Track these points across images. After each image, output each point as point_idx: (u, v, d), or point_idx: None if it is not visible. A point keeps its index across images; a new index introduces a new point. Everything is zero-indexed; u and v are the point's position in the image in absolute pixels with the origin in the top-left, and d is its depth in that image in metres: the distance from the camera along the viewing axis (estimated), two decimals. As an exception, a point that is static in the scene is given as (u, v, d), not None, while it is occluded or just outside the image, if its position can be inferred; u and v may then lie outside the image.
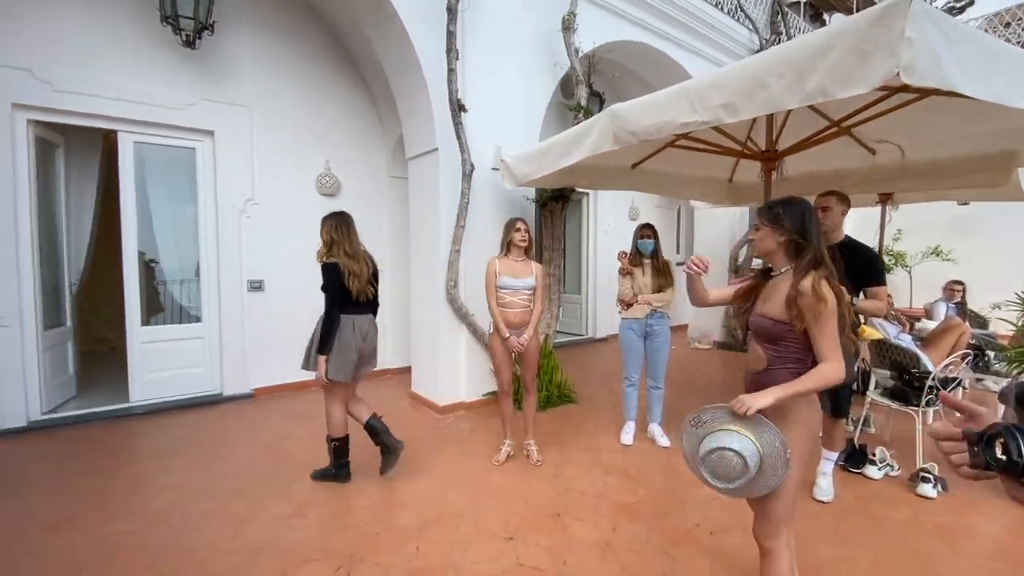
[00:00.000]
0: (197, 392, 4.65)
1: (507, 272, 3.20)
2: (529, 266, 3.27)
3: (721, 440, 1.55)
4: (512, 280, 3.19)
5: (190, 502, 2.85)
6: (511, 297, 3.20)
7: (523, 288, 3.21)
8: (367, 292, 2.99)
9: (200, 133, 4.54)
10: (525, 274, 3.23)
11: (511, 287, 3.19)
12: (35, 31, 3.79)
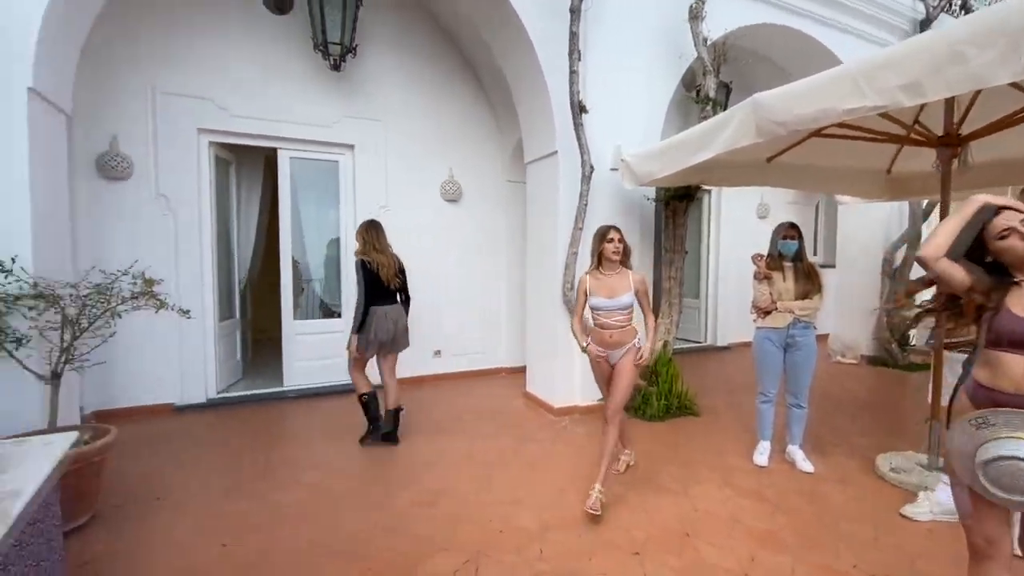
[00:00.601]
0: (336, 381, 5.14)
1: (600, 290, 2.83)
2: (625, 278, 2.84)
3: (1011, 449, 1.39)
4: (605, 301, 2.80)
5: (335, 481, 3.14)
6: (605, 318, 2.84)
7: (618, 308, 2.81)
8: (394, 282, 3.66)
9: (343, 147, 5.03)
10: (621, 290, 2.81)
11: (604, 308, 2.82)
12: (216, 67, 4.46)
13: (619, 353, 2.85)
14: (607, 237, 2.83)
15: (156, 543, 2.45)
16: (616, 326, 2.83)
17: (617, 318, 2.82)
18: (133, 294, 2.83)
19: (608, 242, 2.81)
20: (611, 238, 2.82)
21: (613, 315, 2.81)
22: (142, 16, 4.14)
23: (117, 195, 4.18)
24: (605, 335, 2.85)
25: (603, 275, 2.85)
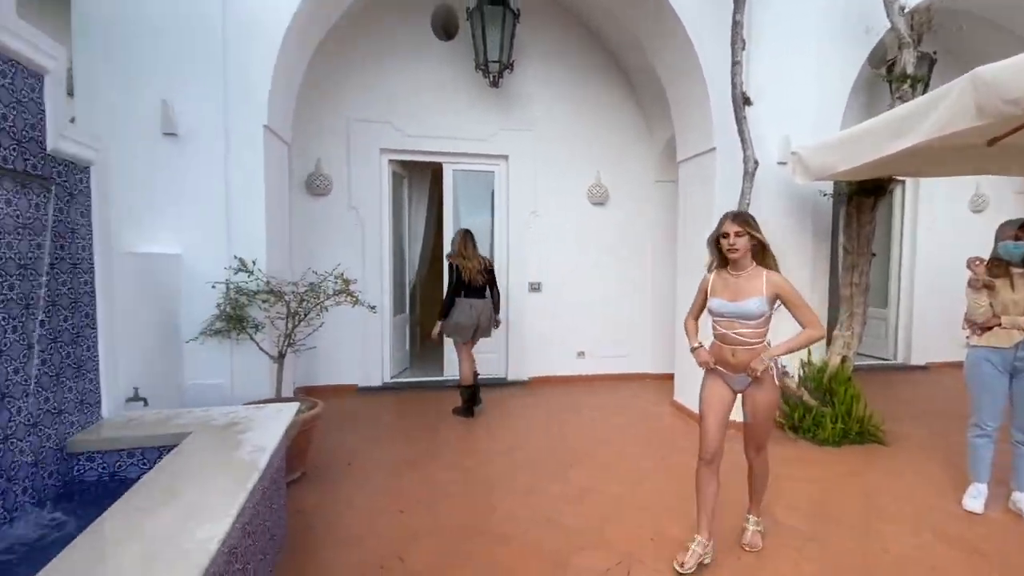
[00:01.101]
0: (487, 374, 5.51)
1: (722, 291, 2.25)
2: (757, 280, 2.18)
3: None
4: (726, 305, 2.21)
5: (490, 466, 3.40)
6: (726, 328, 2.24)
7: (741, 316, 2.18)
8: (477, 280, 4.28)
9: (498, 158, 5.38)
10: (748, 293, 2.17)
11: (724, 313, 2.23)
12: (394, 94, 5.10)
13: (746, 379, 2.24)
14: (721, 229, 2.23)
15: (349, 502, 2.91)
16: (741, 341, 2.21)
17: (741, 331, 2.20)
18: (335, 291, 3.39)
19: (723, 236, 2.22)
20: (725, 231, 2.20)
21: (735, 326, 2.21)
22: (339, 60, 4.92)
23: (320, 208, 5.03)
24: (726, 352, 2.25)
25: (730, 275, 2.26)
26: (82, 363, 2.17)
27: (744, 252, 2.19)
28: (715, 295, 2.27)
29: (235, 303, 3.22)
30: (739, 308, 2.18)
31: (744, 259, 2.21)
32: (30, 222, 1.88)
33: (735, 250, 2.18)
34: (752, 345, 2.20)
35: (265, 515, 2.11)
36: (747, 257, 2.21)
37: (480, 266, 4.31)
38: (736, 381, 2.28)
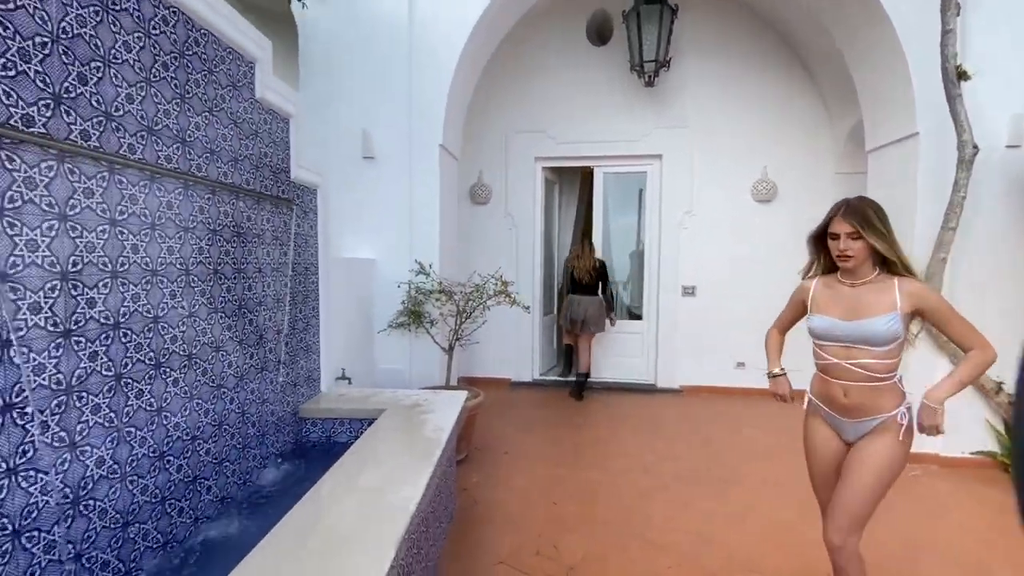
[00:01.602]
0: (634, 379, 5.44)
1: (830, 305, 1.71)
2: (887, 292, 1.60)
3: None
4: (836, 324, 1.66)
5: (640, 473, 3.37)
6: (834, 355, 1.67)
7: (863, 340, 1.61)
8: (585, 278, 4.80)
9: (651, 158, 5.27)
10: (875, 309, 1.59)
11: (832, 337, 1.67)
12: (549, 103, 5.31)
13: (862, 427, 1.66)
14: (829, 225, 1.68)
15: (507, 486, 3.15)
16: (859, 375, 1.62)
17: (864, 360, 1.61)
18: (495, 292, 3.68)
19: (832, 238, 1.66)
20: (835, 230, 1.64)
21: (853, 354, 1.63)
22: (498, 77, 5.28)
23: (480, 216, 5.47)
24: (835, 389, 1.69)
25: (843, 283, 1.69)
26: (309, 347, 2.72)
27: (863, 259, 1.62)
28: (820, 311, 1.71)
29: (414, 301, 3.69)
30: (861, 330, 1.60)
31: (864, 267, 1.64)
32: (281, 235, 2.41)
33: (847, 257, 1.62)
34: (878, 381, 1.61)
35: (443, 487, 2.41)
36: (867, 264, 1.64)
37: (589, 265, 4.80)
38: (848, 430, 1.70)
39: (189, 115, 1.78)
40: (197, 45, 1.82)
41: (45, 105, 1.27)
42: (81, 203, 1.37)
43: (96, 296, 1.42)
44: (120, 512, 1.50)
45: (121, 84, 1.49)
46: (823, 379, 1.75)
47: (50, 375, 1.28)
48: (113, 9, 1.46)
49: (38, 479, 1.25)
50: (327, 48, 3.85)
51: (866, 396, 1.64)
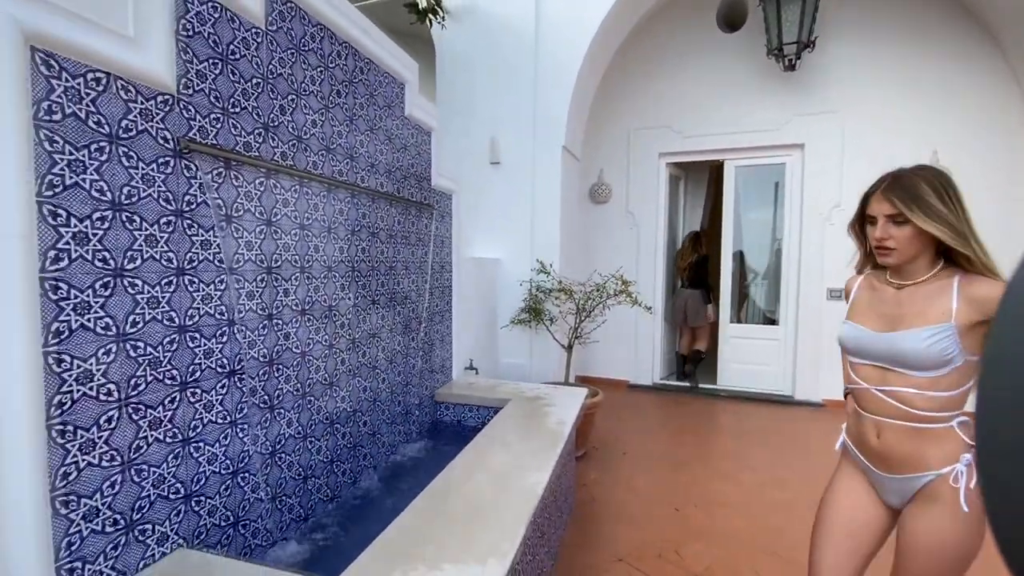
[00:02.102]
0: (768, 389, 5.02)
1: (863, 309, 1.30)
2: (942, 294, 1.14)
3: None
4: (860, 334, 1.27)
5: (772, 488, 3.13)
6: (862, 378, 1.26)
7: (896, 361, 1.18)
8: (683, 275, 5.32)
9: (790, 148, 4.83)
10: (919, 318, 1.16)
11: (862, 351, 1.26)
12: (673, 96, 5.12)
13: (905, 486, 1.21)
14: (867, 211, 1.24)
15: (626, 486, 3.14)
16: (891, 411, 1.20)
17: (900, 389, 1.18)
18: (616, 291, 3.68)
19: (869, 222, 1.24)
20: (872, 215, 1.22)
21: (889, 378, 1.20)
22: (620, 74, 5.23)
23: (600, 215, 5.47)
24: (867, 426, 1.26)
25: (890, 284, 1.25)
26: (443, 337, 2.98)
27: (912, 252, 1.17)
28: (854, 316, 1.30)
29: (535, 299, 3.84)
30: (893, 345, 1.16)
31: (918, 262, 1.19)
32: (423, 236, 2.69)
33: (887, 250, 1.18)
34: (923, 422, 1.15)
35: (563, 479, 2.49)
36: (924, 259, 1.18)
37: (687, 261, 5.30)
38: (888, 486, 1.24)
39: (356, 134, 2.08)
40: (362, 73, 2.12)
41: (258, 133, 1.59)
42: (280, 211, 1.68)
43: (290, 287, 1.73)
44: (302, 467, 1.81)
45: (308, 112, 1.80)
46: (856, 412, 1.30)
47: (258, 350, 1.60)
48: (304, 50, 1.77)
49: (249, 432, 1.57)
50: (460, 62, 4.15)
51: (906, 441, 1.17)
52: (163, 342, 1.28)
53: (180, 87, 1.31)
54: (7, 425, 0.96)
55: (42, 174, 1.02)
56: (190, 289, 1.36)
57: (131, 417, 1.20)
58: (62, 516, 1.06)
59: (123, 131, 1.18)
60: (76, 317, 1.08)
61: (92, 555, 1.12)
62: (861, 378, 1.26)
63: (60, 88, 1.05)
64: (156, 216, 1.26)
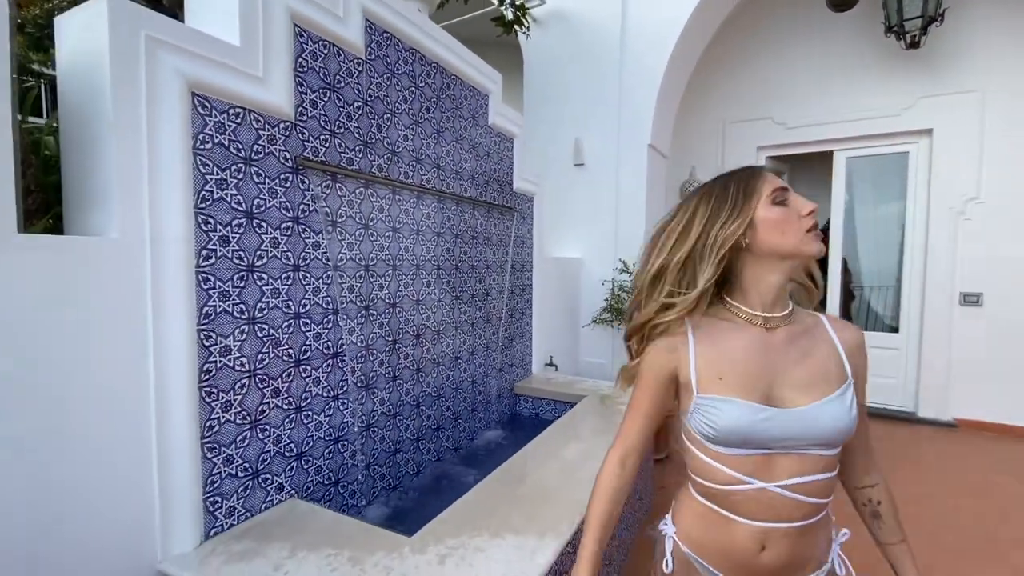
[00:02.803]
0: (886, 404, 4.52)
1: (731, 373, 0.84)
2: (822, 340, 0.87)
3: None
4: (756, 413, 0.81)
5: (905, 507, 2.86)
6: (747, 474, 0.83)
7: (815, 441, 0.81)
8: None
9: (915, 134, 4.31)
10: (820, 373, 0.84)
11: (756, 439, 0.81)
12: (773, 86, 4.80)
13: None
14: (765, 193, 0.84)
15: (708, 493, 3.05)
16: (795, 512, 0.83)
17: (813, 479, 0.83)
18: (702, 292, 3.56)
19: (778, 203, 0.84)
20: (778, 188, 0.84)
21: (790, 468, 0.83)
22: (713, 67, 5.00)
23: (691, 213, 5.28)
24: (744, 540, 0.86)
25: (749, 323, 0.88)
26: (523, 333, 3.12)
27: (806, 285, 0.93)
28: (714, 387, 0.85)
29: (617, 298, 3.84)
30: (815, 423, 0.82)
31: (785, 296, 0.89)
32: (504, 237, 2.85)
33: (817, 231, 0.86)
34: (819, 514, 0.86)
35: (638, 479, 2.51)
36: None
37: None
38: None
39: (442, 145, 2.29)
40: (449, 89, 2.33)
41: (358, 149, 1.83)
42: (376, 217, 1.93)
43: (383, 283, 1.97)
44: (392, 441, 2.05)
45: (400, 128, 2.03)
46: (721, 519, 0.89)
47: (356, 336, 1.85)
48: (397, 73, 2.00)
49: (348, 406, 1.82)
50: (547, 67, 4.28)
51: (799, 543, 0.86)
52: (282, 326, 1.56)
53: (297, 114, 1.58)
54: (173, 384, 1.26)
55: (197, 190, 1.31)
56: (303, 283, 1.63)
57: (258, 385, 1.48)
58: (208, 459, 1.35)
59: (255, 154, 1.46)
60: (220, 303, 1.37)
61: (228, 493, 1.40)
62: (737, 471, 0.84)
63: (211, 123, 1.34)
64: (278, 222, 1.53)
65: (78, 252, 1.10)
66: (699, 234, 0.84)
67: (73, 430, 1.10)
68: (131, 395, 1.20)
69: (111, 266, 1.15)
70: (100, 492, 1.14)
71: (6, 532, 1.00)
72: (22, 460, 1.02)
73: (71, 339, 1.09)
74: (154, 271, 1.22)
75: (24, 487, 1.03)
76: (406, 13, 2.01)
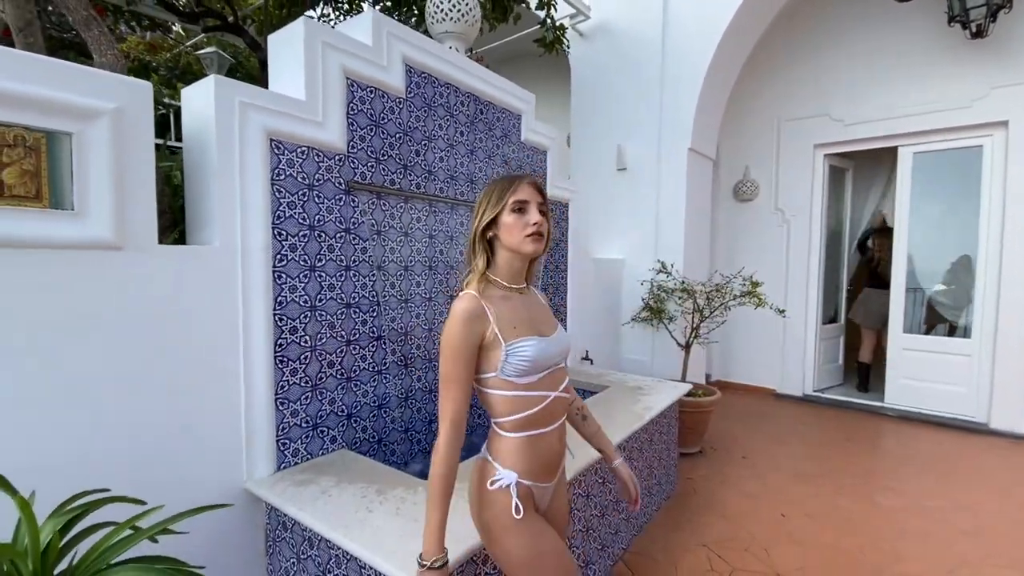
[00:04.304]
0: (953, 413, 4.26)
1: (516, 321, 1.16)
2: (541, 302, 1.32)
3: None
4: (548, 344, 1.18)
5: (913, 514, 2.83)
6: (546, 389, 1.18)
7: (562, 355, 1.24)
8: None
9: (989, 127, 4.03)
10: (547, 317, 1.27)
11: (548, 362, 1.18)
12: (830, 81, 4.67)
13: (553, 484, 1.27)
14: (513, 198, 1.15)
15: (734, 487, 3.15)
16: (566, 407, 1.28)
17: (565, 381, 1.26)
18: (741, 292, 3.64)
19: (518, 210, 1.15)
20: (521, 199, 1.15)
21: (558, 377, 1.23)
22: (766, 66, 4.95)
23: (745, 213, 5.25)
24: (553, 441, 1.22)
25: (513, 291, 1.22)
26: (557, 328, 3.41)
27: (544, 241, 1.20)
28: (514, 333, 1.14)
29: (656, 298, 4.00)
30: (562, 343, 1.24)
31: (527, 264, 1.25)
32: (536, 241, 3.16)
33: (540, 236, 1.16)
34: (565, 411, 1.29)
35: (654, 455, 2.72)
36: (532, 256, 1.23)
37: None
38: (546, 495, 1.26)
39: (475, 163, 2.66)
40: (482, 114, 2.69)
41: (399, 172, 2.24)
42: (415, 226, 2.33)
43: (420, 280, 2.38)
44: (428, 412, 2.44)
45: (436, 151, 2.42)
46: (533, 439, 1.18)
47: (397, 324, 2.26)
48: (434, 106, 2.39)
49: (390, 380, 2.24)
50: (592, 77, 4.52)
51: (563, 431, 1.28)
52: (336, 313, 1.99)
53: (348, 148, 2.02)
54: (255, 353, 1.72)
55: (273, 210, 1.77)
56: (353, 280, 2.06)
57: (317, 358, 1.93)
58: (279, 411, 1.81)
59: (316, 182, 1.90)
60: (289, 294, 1.82)
61: (294, 438, 1.86)
62: (540, 391, 1.17)
63: (284, 160, 1.79)
64: (334, 232, 1.97)
65: (192, 257, 1.59)
66: (479, 220, 1.18)
67: (193, 379, 1.59)
68: (229, 358, 1.67)
69: (213, 267, 1.63)
70: (208, 424, 1.63)
71: (162, 429, 1.51)
72: (167, 393, 1.52)
73: (190, 318, 1.58)
74: (243, 270, 1.69)
75: (166, 409, 1.52)
76: (441, 54, 2.39)
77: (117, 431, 1.44)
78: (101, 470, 1.39)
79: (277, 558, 1.73)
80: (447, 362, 1.11)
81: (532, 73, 5.94)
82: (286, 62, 1.91)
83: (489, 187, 1.20)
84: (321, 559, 1.54)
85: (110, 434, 1.43)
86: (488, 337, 1.12)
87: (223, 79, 1.64)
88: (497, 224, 1.16)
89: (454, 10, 2.54)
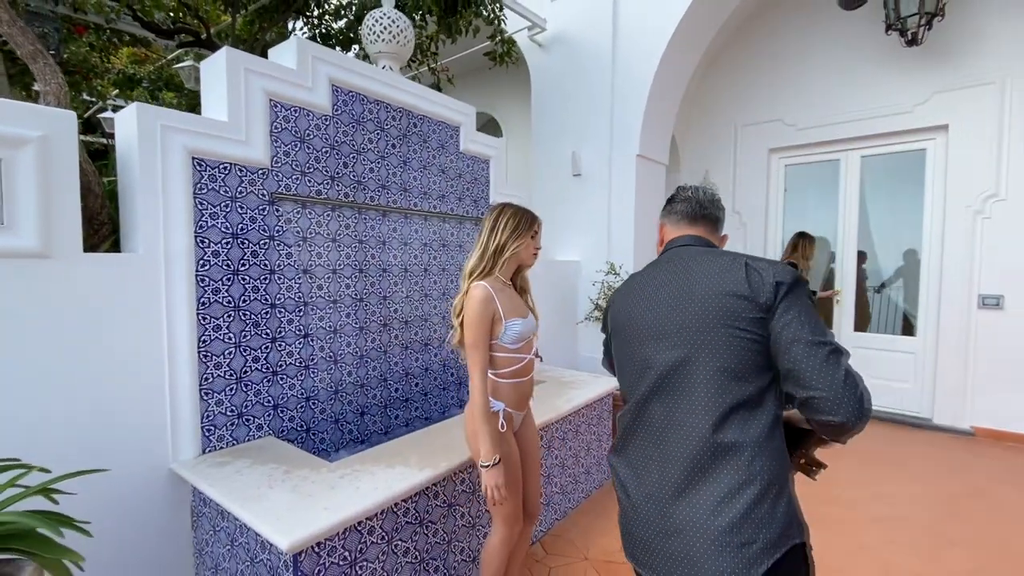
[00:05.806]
0: (901, 409, 4.38)
1: (513, 308, 1.77)
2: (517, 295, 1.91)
3: None
4: (529, 322, 1.81)
5: (827, 503, 2.97)
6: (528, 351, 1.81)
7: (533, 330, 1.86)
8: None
9: (931, 131, 4.16)
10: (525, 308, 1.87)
11: (530, 332, 1.81)
12: (782, 88, 4.81)
13: (524, 413, 1.92)
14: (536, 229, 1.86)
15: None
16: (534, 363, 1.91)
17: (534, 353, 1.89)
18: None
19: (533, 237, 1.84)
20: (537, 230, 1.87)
21: (533, 341, 1.86)
22: (723, 72, 5.09)
23: (706, 215, 5.39)
24: (527, 386, 1.86)
25: (507, 283, 1.83)
26: (502, 327, 3.59)
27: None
28: (513, 314, 1.74)
29: (606, 297, 4.17)
30: (534, 324, 1.86)
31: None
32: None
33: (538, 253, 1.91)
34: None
35: (581, 446, 2.89)
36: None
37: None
38: (517, 419, 1.88)
39: (409, 172, 2.85)
40: (415, 127, 2.88)
41: (326, 183, 2.45)
42: (343, 233, 2.53)
43: (350, 283, 2.57)
44: (359, 405, 2.64)
45: (366, 163, 2.62)
46: (516, 384, 1.79)
47: (325, 323, 2.46)
48: (363, 121, 2.59)
49: (318, 376, 2.43)
50: (549, 85, 4.69)
51: (532, 383, 1.89)
52: (261, 312, 2.20)
53: (272, 163, 2.22)
54: (179, 347, 1.93)
55: (196, 220, 1.97)
56: (278, 282, 2.26)
57: (242, 354, 2.13)
58: (204, 400, 2.01)
59: (238, 193, 2.11)
60: (212, 296, 2.03)
61: (219, 425, 2.06)
62: (523, 353, 1.77)
63: (206, 175, 2.00)
64: (257, 239, 2.18)
65: (116, 264, 1.80)
66: (508, 236, 1.76)
67: (122, 369, 1.80)
68: (154, 350, 1.89)
69: (137, 272, 1.84)
70: (132, 412, 1.84)
71: (87, 417, 1.72)
72: (92, 385, 1.73)
73: (114, 316, 1.79)
74: (167, 274, 1.90)
75: (92, 399, 1.73)
76: (371, 73, 2.60)
77: (46, 421, 1.65)
78: (32, 456, 1.60)
79: (200, 530, 1.94)
80: (472, 331, 1.65)
81: (507, 81, 6.13)
82: (213, 86, 2.12)
83: (512, 216, 1.78)
84: (230, 529, 1.74)
85: (38, 424, 1.64)
86: (495, 315, 1.68)
87: (145, 106, 1.85)
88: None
89: (386, 32, 2.74)
